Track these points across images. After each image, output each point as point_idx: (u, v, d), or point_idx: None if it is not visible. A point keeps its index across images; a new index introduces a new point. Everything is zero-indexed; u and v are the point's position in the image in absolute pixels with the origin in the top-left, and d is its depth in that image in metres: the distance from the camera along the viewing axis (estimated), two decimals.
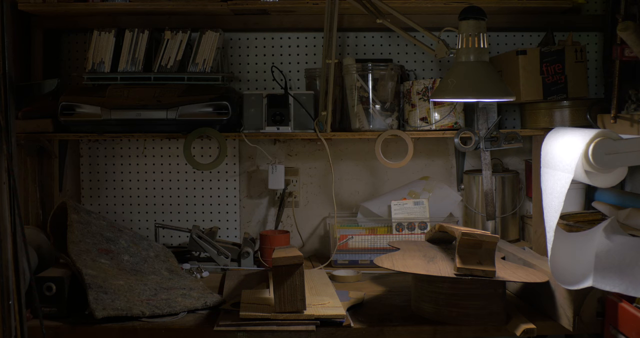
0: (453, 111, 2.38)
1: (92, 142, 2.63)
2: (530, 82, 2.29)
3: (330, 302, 1.93)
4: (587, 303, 1.76)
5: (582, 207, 2.42)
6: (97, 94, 2.32)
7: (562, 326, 1.81)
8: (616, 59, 2.13)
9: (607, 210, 2.24)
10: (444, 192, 2.56)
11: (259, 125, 2.41)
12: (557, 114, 2.34)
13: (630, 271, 1.63)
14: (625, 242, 1.72)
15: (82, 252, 2.06)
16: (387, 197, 2.54)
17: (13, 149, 1.92)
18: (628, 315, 1.65)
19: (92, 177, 2.64)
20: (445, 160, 2.68)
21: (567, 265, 1.77)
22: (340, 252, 2.41)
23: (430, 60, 2.65)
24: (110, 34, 2.39)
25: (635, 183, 2.30)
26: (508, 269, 1.87)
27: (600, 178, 1.80)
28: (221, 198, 2.64)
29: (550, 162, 1.83)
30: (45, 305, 1.95)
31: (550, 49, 2.30)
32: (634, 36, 1.83)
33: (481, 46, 1.90)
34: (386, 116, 2.41)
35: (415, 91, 2.39)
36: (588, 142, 1.73)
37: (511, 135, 2.35)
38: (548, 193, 1.81)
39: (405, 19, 2.03)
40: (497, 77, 1.94)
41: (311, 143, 2.62)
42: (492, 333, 1.83)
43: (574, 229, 2.09)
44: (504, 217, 2.51)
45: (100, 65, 2.40)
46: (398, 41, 2.64)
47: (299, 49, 2.63)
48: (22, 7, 2.31)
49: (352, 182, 2.66)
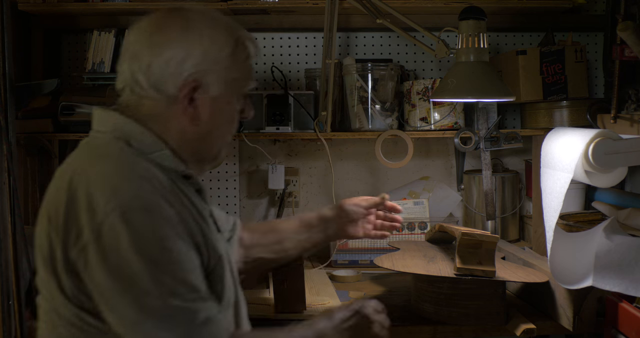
0: (453, 111, 2.38)
1: None
2: (530, 82, 2.29)
3: (330, 301, 1.93)
4: (587, 303, 1.76)
5: (582, 207, 2.42)
6: (97, 94, 2.32)
7: (562, 326, 1.81)
8: (616, 59, 2.13)
9: (607, 210, 2.24)
10: (444, 192, 2.56)
11: (258, 125, 2.41)
12: (557, 114, 2.34)
13: (630, 271, 1.63)
14: (625, 242, 1.72)
15: None
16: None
17: (13, 148, 1.92)
18: (628, 315, 1.65)
19: None
20: (445, 160, 2.68)
21: (567, 265, 1.77)
22: (340, 252, 2.41)
23: (430, 60, 2.65)
24: (110, 34, 2.39)
25: (635, 183, 2.30)
26: (508, 269, 1.87)
27: (600, 178, 1.80)
28: (221, 198, 2.64)
29: (550, 162, 1.83)
30: None
31: (550, 49, 2.30)
32: (634, 36, 1.83)
33: (481, 46, 1.90)
34: (386, 116, 2.41)
35: (415, 91, 2.39)
36: (588, 142, 1.73)
37: (511, 135, 2.35)
38: (548, 193, 1.81)
39: (405, 19, 2.03)
40: (497, 77, 1.94)
41: (311, 143, 2.62)
42: (492, 333, 1.83)
43: (574, 229, 2.09)
44: (504, 217, 2.51)
45: (100, 65, 2.40)
46: (398, 41, 2.64)
47: (299, 49, 2.63)
48: (22, 7, 2.31)
49: (352, 182, 2.66)
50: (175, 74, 1.26)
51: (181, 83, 1.26)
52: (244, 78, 1.34)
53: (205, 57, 1.27)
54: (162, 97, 1.27)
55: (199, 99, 1.28)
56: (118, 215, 1.12)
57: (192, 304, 1.14)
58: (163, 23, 1.28)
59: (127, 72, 1.28)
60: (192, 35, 1.27)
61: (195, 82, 1.27)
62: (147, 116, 1.28)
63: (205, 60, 1.27)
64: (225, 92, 1.31)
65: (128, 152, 1.24)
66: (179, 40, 1.26)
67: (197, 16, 1.30)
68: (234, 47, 1.30)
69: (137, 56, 1.27)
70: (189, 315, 1.14)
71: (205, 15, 1.31)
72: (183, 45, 1.26)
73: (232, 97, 1.33)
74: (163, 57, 1.25)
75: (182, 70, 1.26)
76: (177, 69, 1.26)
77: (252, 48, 1.35)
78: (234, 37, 1.31)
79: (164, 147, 1.27)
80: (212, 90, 1.29)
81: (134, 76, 1.27)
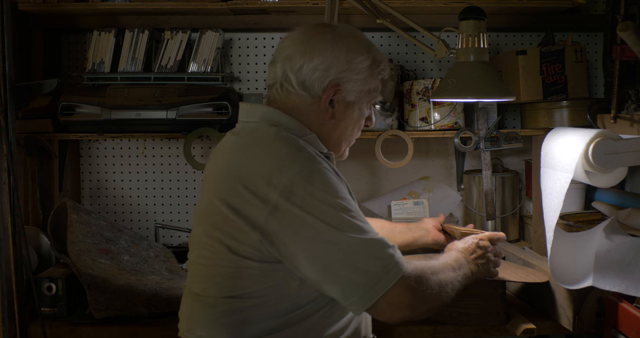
0: (453, 111, 2.38)
1: (92, 142, 2.63)
2: (530, 82, 2.29)
3: None
4: (587, 303, 1.76)
5: (582, 207, 2.42)
6: (97, 94, 2.32)
7: (562, 326, 1.81)
8: (616, 59, 2.13)
9: (607, 210, 2.24)
10: (444, 192, 2.56)
11: None
12: (557, 114, 2.34)
13: (630, 271, 1.63)
14: (625, 242, 1.72)
15: (82, 252, 2.06)
16: (387, 197, 2.54)
17: (13, 148, 1.92)
18: (628, 315, 1.65)
19: (92, 177, 2.64)
20: (445, 160, 2.68)
21: (567, 265, 1.77)
22: None
23: (430, 60, 2.65)
24: (110, 34, 2.39)
25: (635, 183, 2.30)
26: (508, 269, 1.87)
27: (600, 178, 1.80)
28: None
29: (550, 162, 1.83)
30: (45, 305, 1.95)
31: (550, 49, 2.30)
32: (634, 36, 1.83)
33: (481, 46, 1.90)
34: (386, 116, 2.41)
35: (415, 91, 2.39)
36: (588, 142, 1.73)
37: (511, 135, 2.35)
38: (548, 193, 1.81)
39: (405, 19, 2.03)
40: (497, 77, 1.94)
41: None
42: (492, 333, 1.83)
43: (574, 229, 2.09)
44: (504, 217, 2.51)
45: (100, 65, 2.40)
46: (398, 41, 2.64)
47: None
48: (22, 7, 2.31)
49: (352, 182, 2.66)
50: (321, 78, 1.50)
51: (326, 86, 1.50)
52: (375, 90, 1.59)
53: (348, 67, 1.51)
54: (308, 94, 1.51)
55: (337, 101, 1.53)
56: (302, 178, 1.35)
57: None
58: (315, 34, 1.54)
59: (280, 71, 1.53)
60: (339, 47, 1.51)
61: (337, 87, 1.52)
62: (292, 108, 1.52)
63: (348, 69, 1.52)
64: (359, 100, 1.56)
65: (284, 133, 1.45)
66: (328, 50, 1.51)
67: (344, 32, 1.56)
68: (371, 63, 1.55)
69: (291, 59, 1.51)
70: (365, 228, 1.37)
71: (351, 33, 1.57)
72: (331, 55, 1.50)
73: (363, 105, 1.58)
74: (313, 63, 1.50)
75: (328, 75, 1.50)
76: (324, 74, 1.50)
77: (386, 67, 1.60)
78: (372, 54, 1.56)
79: (310, 132, 1.51)
80: (349, 96, 1.54)
81: (286, 75, 1.52)
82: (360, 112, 1.58)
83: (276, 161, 1.38)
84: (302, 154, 1.40)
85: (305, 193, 1.34)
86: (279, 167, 1.36)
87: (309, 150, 1.43)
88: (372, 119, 1.63)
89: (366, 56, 1.54)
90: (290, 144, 1.42)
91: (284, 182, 1.34)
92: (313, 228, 1.33)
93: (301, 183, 1.34)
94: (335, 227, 1.33)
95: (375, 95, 1.60)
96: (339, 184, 1.40)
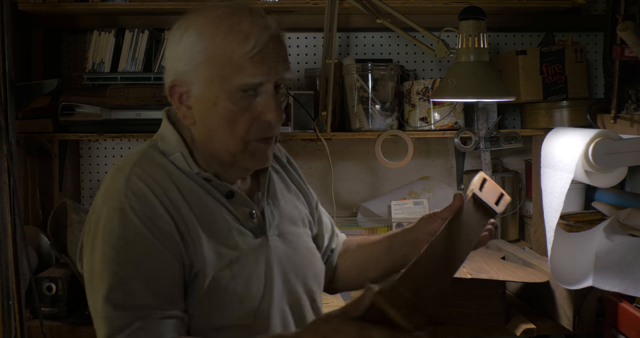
0: (453, 111, 2.38)
1: (92, 142, 2.63)
2: (530, 82, 2.29)
3: (332, 301, 1.93)
4: (587, 303, 1.76)
5: (582, 207, 2.42)
6: (97, 94, 2.32)
7: (562, 326, 1.81)
8: (616, 59, 2.13)
9: (607, 210, 2.24)
10: (444, 192, 2.56)
11: None
12: (557, 114, 2.34)
13: (630, 271, 1.64)
14: (625, 242, 1.72)
15: None
16: (387, 197, 2.54)
17: (13, 149, 1.92)
18: (628, 315, 1.65)
19: (92, 177, 2.64)
20: (445, 160, 2.68)
21: (567, 265, 1.77)
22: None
23: (430, 60, 2.65)
24: (110, 34, 2.39)
25: (635, 183, 2.30)
26: (508, 269, 1.87)
27: (600, 178, 1.80)
28: None
29: (550, 162, 1.84)
30: (45, 305, 1.95)
31: (550, 49, 2.30)
32: (634, 36, 1.83)
33: (481, 46, 1.90)
34: (386, 116, 2.41)
35: (415, 91, 2.39)
36: (588, 142, 1.73)
37: (511, 135, 2.35)
38: (548, 193, 1.81)
39: (405, 19, 2.03)
40: (497, 77, 1.94)
41: (311, 143, 2.62)
42: (492, 333, 1.83)
43: (574, 229, 2.09)
44: (504, 217, 2.51)
45: (100, 65, 2.40)
46: (398, 41, 2.64)
47: (299, 49, 2.63)
48: (22, 7, 2.30)
49: (352, 182, 2.66)
50: (167, 76, 1.26)
51: (168, 85, 1.25)
52: (229, 74, 1.19)
53: (181, 57, 1.21)
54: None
55: (187, 100, 1.24)
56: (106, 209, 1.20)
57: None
58: (175, 25, 1.26)
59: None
60: (178, 35, 1.23)
61: (174, 83, 1.24)
62: (177, 120, 1.31)
63: (182, 59, 1.21)
64: (208, 92, 1.21)
65: (146, 155, 1.28)
66: (172, 41, 1.24)
67: (200, 12, 1.23)
68: (210, 43, 1.19)
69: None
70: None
71: (206, 10, 1.22)
72: (171, 47, 1.24)
73: (218, 97, 1.21)
74: (165, 60, 1.28)
75: (170, 71, 1.25)
76: (169, 71, 1.25)
77: (243, 38, 1.19)
78: (222, 30, 1.19)
79: (182, 149, 1.27)
80: (195, 90, 1.22)
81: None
82: (219, 107, 1.22)
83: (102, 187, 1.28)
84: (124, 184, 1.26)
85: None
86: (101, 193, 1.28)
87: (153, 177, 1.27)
88: (267, 112, 1.27)
89: (211, 34, 1.19)
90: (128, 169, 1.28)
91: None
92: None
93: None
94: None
95: (234, 80, 1.19)
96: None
